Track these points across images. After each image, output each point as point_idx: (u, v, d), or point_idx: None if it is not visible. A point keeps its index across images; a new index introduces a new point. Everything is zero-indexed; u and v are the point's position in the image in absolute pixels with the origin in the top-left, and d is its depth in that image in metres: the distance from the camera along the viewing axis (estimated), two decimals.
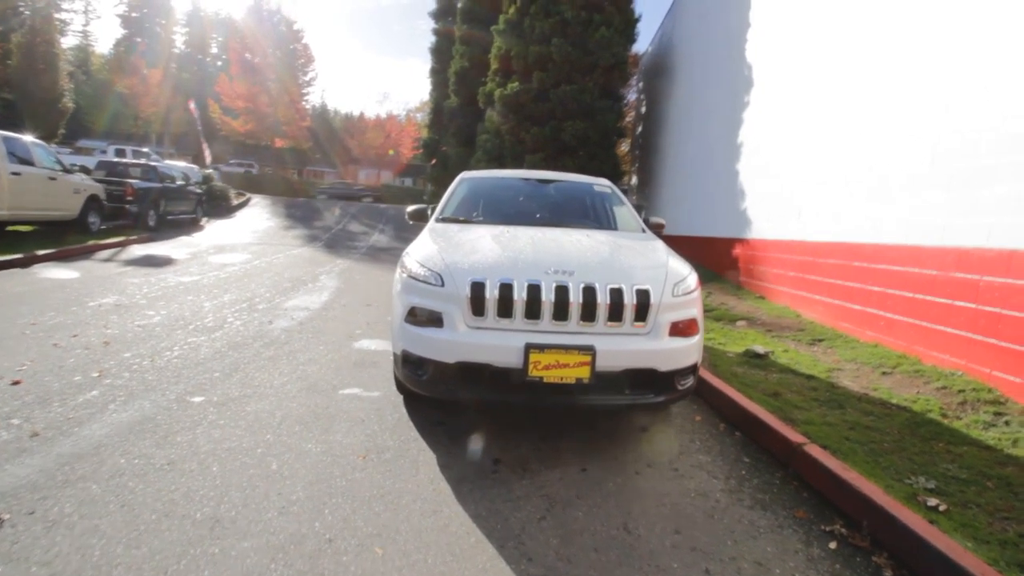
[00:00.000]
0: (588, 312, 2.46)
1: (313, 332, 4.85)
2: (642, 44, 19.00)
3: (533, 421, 3.03)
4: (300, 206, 22.08)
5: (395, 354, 2.77)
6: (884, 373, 4.03)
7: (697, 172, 10.49)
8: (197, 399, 3.09)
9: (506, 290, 2.47)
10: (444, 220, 3.71)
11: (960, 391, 3.47)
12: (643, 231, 3.73)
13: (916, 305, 4.27)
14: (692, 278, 2.76)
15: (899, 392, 3.60)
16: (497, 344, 2.42)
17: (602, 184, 4.36)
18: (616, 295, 2.48)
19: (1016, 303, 3.38)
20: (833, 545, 2.00)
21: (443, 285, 2.56)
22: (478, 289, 2.49)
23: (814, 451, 2.52)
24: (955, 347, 3.85)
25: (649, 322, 2.52)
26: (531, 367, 2.38)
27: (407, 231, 19.28)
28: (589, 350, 2.38)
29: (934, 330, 4.05)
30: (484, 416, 3.04)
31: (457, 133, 17.92)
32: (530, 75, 13.41)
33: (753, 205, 7.75)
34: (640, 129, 17.40)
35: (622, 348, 2.45)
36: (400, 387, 3.18)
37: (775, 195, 7.06)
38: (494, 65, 14.47)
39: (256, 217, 17.24)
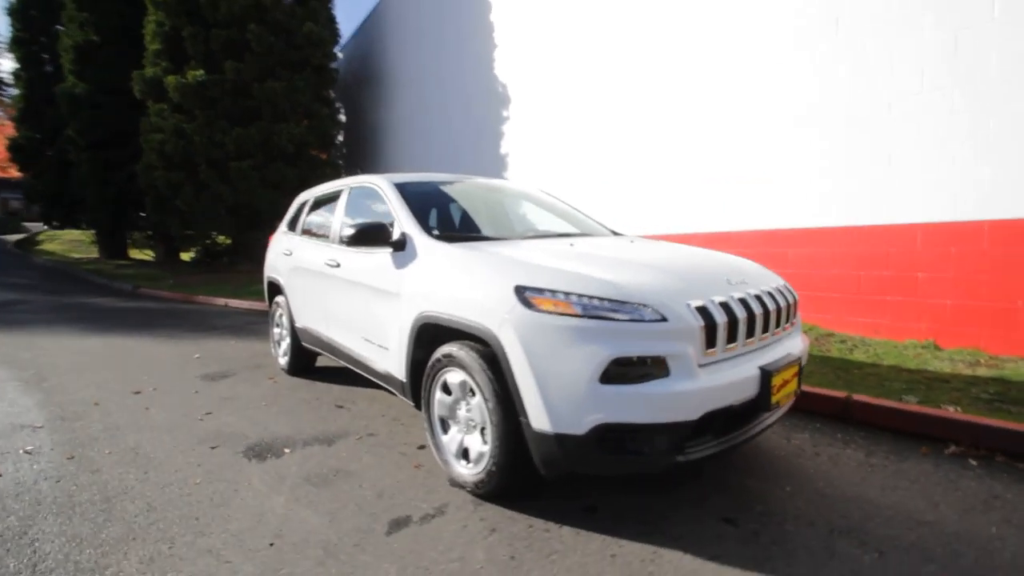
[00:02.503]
0: (778, 319, 2.24)
1: (116, 463, 2.71)
2: None
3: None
4: None
5: (559, 435, 1.83)
6: None
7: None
8: None
9: (729, 311, 1.99)
10: (446, 239, 2.62)
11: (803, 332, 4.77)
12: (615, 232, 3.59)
13: None
14: None
15: None
16: (738, 378, 1.92)
17: (532, 186, 3.95)
18: (783, 297, 2.33)
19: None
20: (975, 463, 2.47)
21: (665, 319, 1.84)
22: (707, 316, 1.91)
23: (862, 399, 3.02)
24: None
25: (797, 317, 2.49)
26: (772, 393, 2.00)
27: (8, 274, 12.57)
28: (796, 360, 2.18)
29: None
30: (604, 480, 2.35)
31: (86, 131, 12.71)
32: (218, 63, 10.77)
33: None
34: (341, 139, 16.40)
35: (800, 348, 2.33)
36: (504, 486, 2.12)
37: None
38: (155, 45, 10.94)
39: None
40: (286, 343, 4.30)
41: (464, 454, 2.30)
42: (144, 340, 5.90)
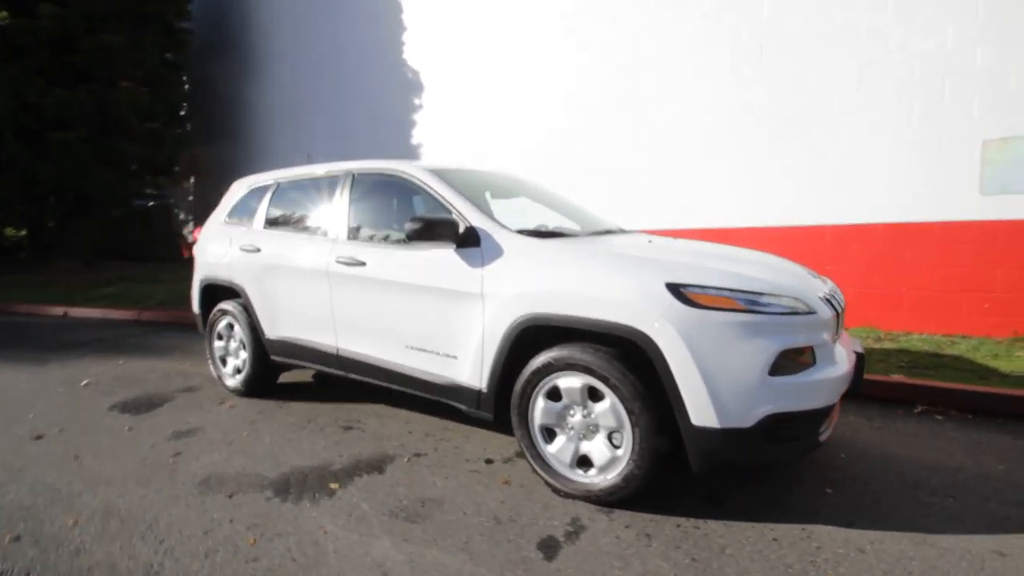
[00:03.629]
0: None
1: (99, 537, 2.07)
2: None
3: None
4: None
5: (725, 430, 1.85)
6: None
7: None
8: None
9: (837, 303, 2.19)
10: (529, 235, 2.42)
11: None
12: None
13: None
14: None
15: None
16: (849, 363, 2.14)
17: (537, 179, 3.82)
18: (839, 291, 2.63)
19: None
20: (940, 417, 3.09)
21: (814, 312, 1.95)
22: (833, 307, 2.08)
23: None
24: None
25: None
26: (863, 374, 2.26)
27: None
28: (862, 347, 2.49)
29: None
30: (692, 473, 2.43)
31: None
32: (28, 5, 8.35)
33: None
34: (183, 112, 13.96)
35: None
36: (643, 488, 2.06)
37: None
38: None
39: None
40: (241, 358, 3.58)
41: (581, 462, 2.19)
42: None
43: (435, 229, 2.40)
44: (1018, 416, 3.04)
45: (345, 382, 3.78)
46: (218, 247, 3.68)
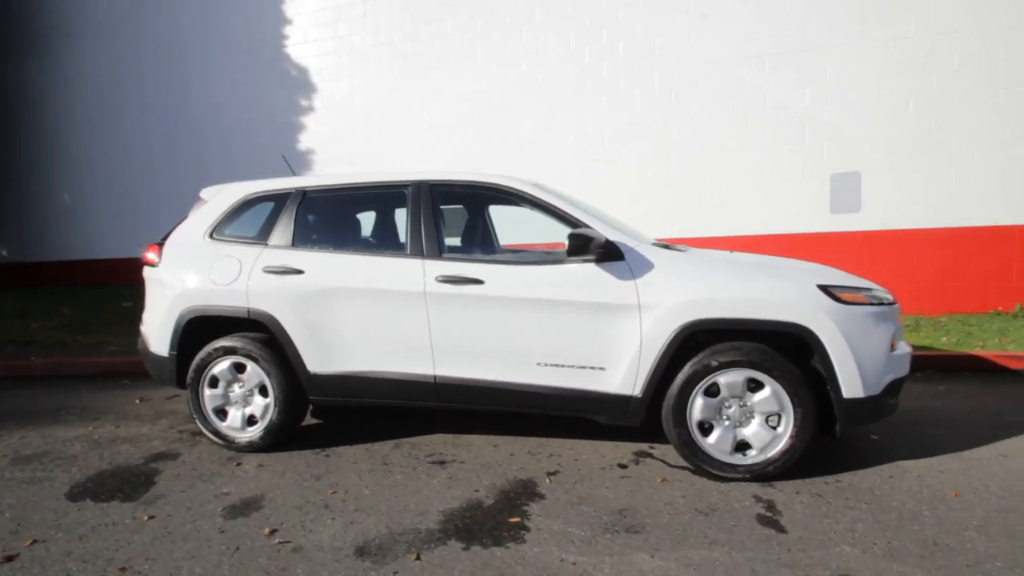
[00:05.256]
0: None
1: None
2: None
3: None
4: None
5: (868, 398, 2.37)
6: None
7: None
8: None
9: None
10: (663, 247, 2.60)
11: None
12: None
13: None
14: None
15: None
16: None
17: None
18: None
19: None
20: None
21: (896, 303, 2.56)
22: None
23: None
24: None
25: None
26: None
27: None
28: None
29: None
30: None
31: None
32: None
33: None
34: None
35: None
36: (800, 460, 2.44)
37: None
38: None
39: None
40: (258, 405, 2.93)
41: (739, 447, 2.48)
42: None
43: (588, 244, 2.44)
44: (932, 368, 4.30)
45: (355, 414, 3.38)
46: (217, 270, 2.92)
